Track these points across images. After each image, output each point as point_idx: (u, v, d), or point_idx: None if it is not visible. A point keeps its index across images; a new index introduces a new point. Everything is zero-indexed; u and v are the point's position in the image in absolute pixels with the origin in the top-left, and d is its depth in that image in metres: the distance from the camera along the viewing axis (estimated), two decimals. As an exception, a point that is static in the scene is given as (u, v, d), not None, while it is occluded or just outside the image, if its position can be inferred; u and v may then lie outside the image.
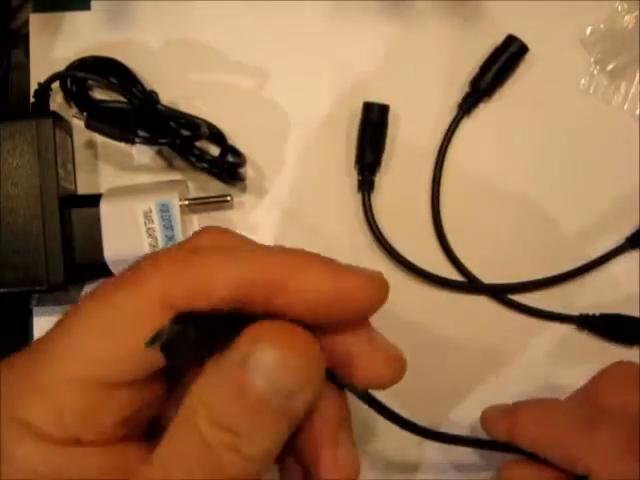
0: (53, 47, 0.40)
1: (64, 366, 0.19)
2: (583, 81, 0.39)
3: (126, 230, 0.35)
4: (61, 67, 0.37)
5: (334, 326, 0.22)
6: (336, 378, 0.22)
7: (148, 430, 0.22)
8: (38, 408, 0.19)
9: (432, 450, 0.36)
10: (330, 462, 0.22)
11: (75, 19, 0.40)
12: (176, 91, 0.39)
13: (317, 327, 0.21)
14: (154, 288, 0.20)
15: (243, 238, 0.23)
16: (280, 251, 0.21)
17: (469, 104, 0.38)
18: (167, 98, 0.38)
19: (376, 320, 0.25)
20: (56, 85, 0.37)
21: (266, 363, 0.18)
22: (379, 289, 0.21)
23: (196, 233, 0.23)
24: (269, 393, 0.18)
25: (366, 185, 0.38)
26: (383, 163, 0.38)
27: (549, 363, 0.37)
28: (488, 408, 0.33)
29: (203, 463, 0.18)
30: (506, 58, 0.38)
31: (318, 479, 0.22)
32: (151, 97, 0.38)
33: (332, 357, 0.22)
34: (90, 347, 0.19)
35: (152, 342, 0.18)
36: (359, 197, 0.38)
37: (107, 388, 0.20)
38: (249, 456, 0.19)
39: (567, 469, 0.29)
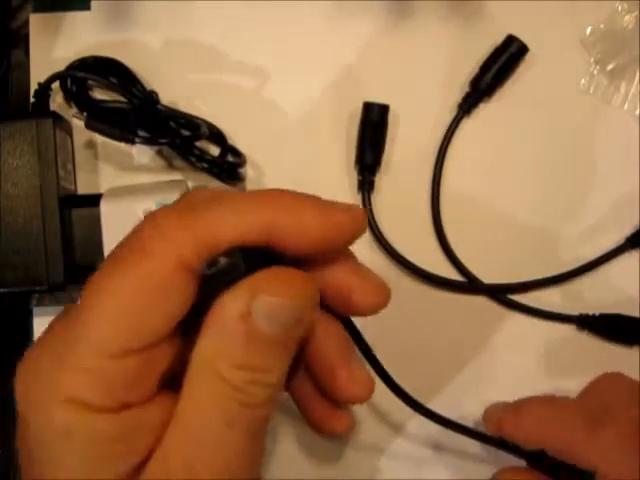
0: (53, 47, 0.40)
1: (101, 341, 0.20)
2: (583, 81, 0.39)
3: (126, 230, 0.34)
4: (61, 67, 0.37)
5: (324, 258, 0.25)
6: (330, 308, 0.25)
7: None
8: (88, 384, 0.20)
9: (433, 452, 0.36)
10: (346, 380, 0.25)
11: (75, 19, 0.40)
12: (176, 91, 0.39)
13: (311, 263, 0.24)
14: (166, 255, 0.21)
15: (230, 190, 0.24)
16: (270, 194, 0.24)
17: (469, 104, 0.38)
18: (167, 98, 0.38)
19: (377, 319, 0.25)
20: (56, 85, 0.37)
21: (265, 310, 0.21)
22: (359, 220, 0.25)
23: (187, 193, 0.24)
24: (273, 332, 0.21)
25: (366, 185, 0.38)
26: (383, 163, 0.38)
27: (549, 363, 0.37)
28: (490, 405, 0.33)
29: (231, 399, 0.21)
30: (506, 58, 0.38)
31: (339, 398, 0.26)
32: (151, 97, 0.38)
33: (326, 290, 0.24)
34: (120, 319, 0.21)
35: (209, 267, 0.21)
36: (359, 197, 0.38)
37: (143, 351, 0.21)
38: (268, 384, 0.21)
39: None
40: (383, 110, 0.38)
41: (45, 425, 0.21)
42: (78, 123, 0.37)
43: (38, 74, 0.38)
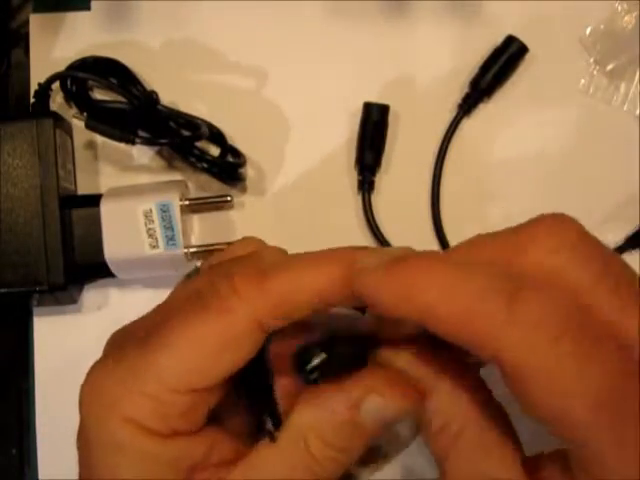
0: (53, 47, 0.40)
1: (168, 378, 0.23)
2: (583, 81, 0.39)
3: (126, 230, 0.35)
4: (61, 67, 0.37)
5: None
6: None
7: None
8: (147, 410, 0.23)
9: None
10: None
11: (75, 19, 0.40)
12: (176, 91, 0.39)
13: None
14: (243, 315, 0.23)
15: (274, 248, 0.28)
16: (338, 251, 0.25)
17: (469, 104, 0.38)
18: (167, 98, 0.38)
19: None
20: (56, 85, 0.37)
21: (374, 408, 0.24)
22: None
23: (257, 253, 0.27)
24: (371, 427, 0.24)
25: (366, 185, 0.38)
26: (383, 163, 0.38)
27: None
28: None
29: (308, 468, 0.24)
30: (506, 58, 0.38)
31: None
32: (151, 97, 0.38)
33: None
34: (191, 364, 0.24)
35: (309, 370, 0.24)
36: (359, 197, 0.38)
37: (203, 391, 0.24)
38: (344, 463, 0.24)
39: (471, 351, 0.21)
40: (383, 110, 0.38)
41: (104, 437, 0.24)
42: (78, 123, 0.37)
43: (38, 74, 0.38)
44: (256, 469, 0.24)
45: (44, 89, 0.37)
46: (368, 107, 0.38)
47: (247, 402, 0.27)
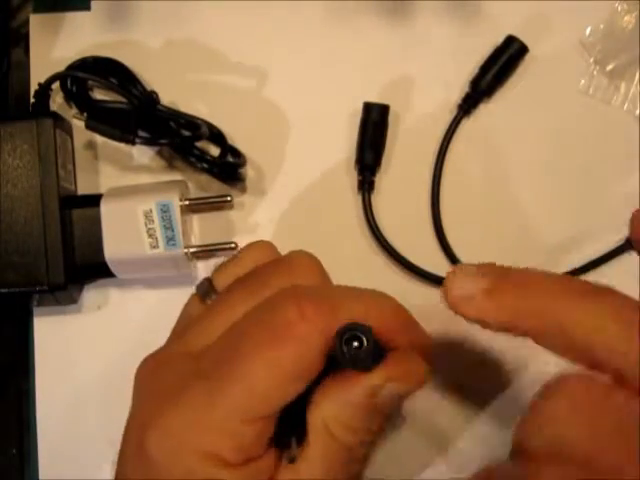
0: (53, 47, 0.40)
1: (242, 411, 0.24)
2: (583, 81, 0.39)
3: (126, 230, 0.35)
4: (61, 67, 0.37)
5: None
6: None
7: None
8: (223, 443, 0.24)
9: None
10: None
11: (75, 19, 0.40)
12: (176, 91, 0.39)
13: None
14: (313, 341, 0.24)
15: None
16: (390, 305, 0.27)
17: (469, 104, 0.38)
18: (167, 98, 0.39)
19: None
20: (56, 85, 0.37)
21: (391, 393, 0.25)
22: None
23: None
24: (388, 407, 0.26)
25: (366, 185, 0.38)
26: (383, 163, 0.38)
27: (549, 363, 0.37)
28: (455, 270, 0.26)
29: (342, 457, 0.25)
30: (506, 58, 0.38)
31: None
32: (151, 97, 0.38)
33: None
34: (265, 393, 0.24)
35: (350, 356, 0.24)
36: (359, 197, 0.38)
37: (272, 416, 0.25)
38: (371, 442, 0.26)
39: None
40: (383, 110, 0.38)
41: (184, 475, 0.24)
42: (78, 123, 0.37)
43: (38, 74, 0.38)
44: (296, 470, 0.25)
45: (44, 89, 0.37)
46: (368, 107, 0.38)
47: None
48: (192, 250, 0.36)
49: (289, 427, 0.26)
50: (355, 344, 0.23)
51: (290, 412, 0.25)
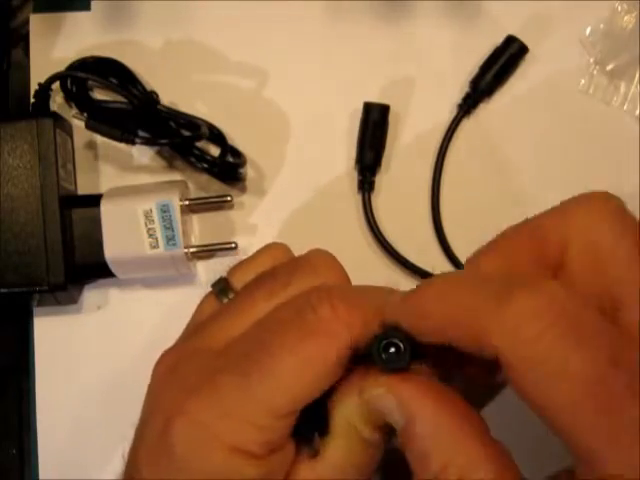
0: (53, 47, 0.40)
1: (271, 405, 0.24)
2: (583, 81, 0.39)
3: (126, 230, 0.35)
4: (61, 67, 0.37)
5: None
6: None
7: None
8: (252, 437, 0.24)
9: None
10: None
11: (75, 19, 0.40)
12: (176, 91, 0.39)
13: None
14: (343, 338, 0.24)
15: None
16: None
17: (469, 104, 0.38)
18: (167, 98, 0.39)
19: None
20: (56, 85, 0.37)
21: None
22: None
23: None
24: None
25: (366, 185, 0.38)
26: (383, 163, 0.38)
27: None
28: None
29: (364, 453, 0.25)
30: (506, 58, 0.38)
31: None
32: (151, 97, 0.38)
33: None
34: (294, 389, 0.24)
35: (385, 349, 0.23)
36: (359, 197, 0.38)
37: (298, 411, 0.25)
38: (391, 436, 0.25)
39: (474, 353, 0.21)
40: (383, 110, 0.38)
41: (208, 468, 0.24)
42: (78, 123, 0.37)
43: (38, 74, 0.38)
44: (319, 463, 0.25)
45: (44, 89, 0.37)
46: (368, 107, 0.38)
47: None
48: (192, 250, 0.36)
49: (311, 421, 0.26)
50: (392, 350, 0.24)
51: (311, 406, 0.25)
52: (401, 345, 0.23)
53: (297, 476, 0.25)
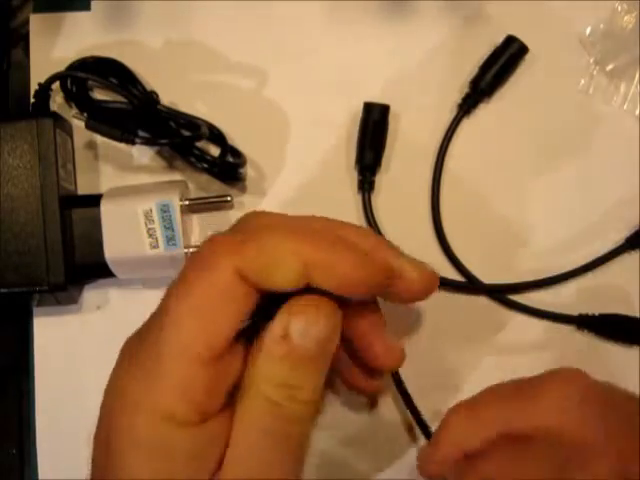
0: (53, 47, 0.40)
1: (182, 344, 0.24)
2: (583, 81, 0.39)
3: (126, 230, 0.35)
4: (61, 67, 0.37)
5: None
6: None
7: None
8: (173, 396, 0.23)
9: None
10: (382, 351, 0.29)
11: (75, 19, 0.40)
12: (176, 91, 0.39)
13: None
14: (223, 267, 0.24)
15: (285, 216, 0.28)
16: (330, 234, 0.26)
17: (469, 104, 0.38)
18: (167, 98, 0.39)
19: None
20: (56, 85, 0.37)
21: (300, 329, 0.24)
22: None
23: (243, 218, 0.28)
24: (307, 350, 0.24)
25: (366, 185, 0.38)
26: (383, 163, 0.38)
27: (549, 363, 0.37)
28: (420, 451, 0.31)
29: (275, 415, 0.24)
30: (506, 58, 0.38)
31: (375, 366, 0.30)
32: (151, 97, 0.38)
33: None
34: (193, 322, 0.24)
35: None
36: (359, 197, 0.38)
37: (218, 359, 0.24)
38: (304, 400, 0.25)
39: None
40: (383, 110, 0.38)
41: (138, 440, 0.23)
42: (78, 123, 0.37)
43: (38, 74, 0.38)
44: (238, 431, 0.24)
45: (44, 89, 0.37)
46: (368, 107, 0.38)
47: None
48: (192, 250, 0.36)
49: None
50: None
51: None
52: None
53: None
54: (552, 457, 0.26)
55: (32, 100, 0.37)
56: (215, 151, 0.38)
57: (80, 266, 0.35)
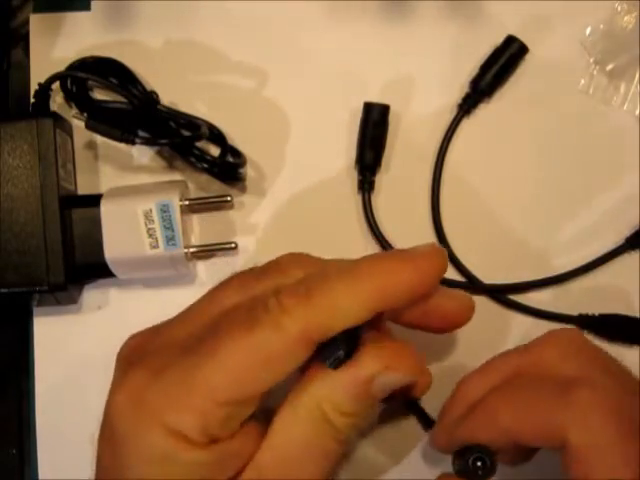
0: (53, 47, 0.40)
1: (216, 391, 0.24)
2: (583, 81, 0.39)
3: (126, 230, 0.35)
4: (61, 67, 0.37)
5: None
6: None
7: None
8: (191, 422, 0.24)
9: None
10: (454, 305, 0.30)
11: (75, 19, 0.40)
12: (176, 91, 0.39)
13: None
14: (292, 330, 0.24)
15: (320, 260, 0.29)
16: (370, 264, 0.27)
17: (469, 104, 0.38)
18: (167, 98, 0.39)
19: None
20: (56, 85, 0.37)
21: (386, 382, 0.26)
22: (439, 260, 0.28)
23: (283, 264, 0.28)
24: (380, 395, 0.26)
25: (366, 185, 0.38)
26: (383, 163, 0.38)
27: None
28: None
29: (324, 432, 0.26)
30: (506, 58, 0.38)
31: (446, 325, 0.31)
32: (151, 97, 0.38)
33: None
34: (238, 376, 0.24)
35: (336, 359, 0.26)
36: (359, 197, 0.38)
37: (246, 401, 0.25)
38: (361, 427, 0.27)
39: (543, 445, 0.26)
40: (383, 110, 0.38)
41: (143, 447, 0.24)
42: (78, 123, 0.37)
43: (38, 74, 0.38)
44: (279, 436, 0.26)
45: (44, 89, 0.37)
46: (368, 107, 0.38)
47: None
48: (192, 250, 0.36)
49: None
50: (479, 464, 0.26)
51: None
52: (486, 460, 0.26)
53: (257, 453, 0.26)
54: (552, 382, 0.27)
55: (32, 100, 0.37)
56: (215, 151, 0.38)
57: (80, 266, 0.35)
